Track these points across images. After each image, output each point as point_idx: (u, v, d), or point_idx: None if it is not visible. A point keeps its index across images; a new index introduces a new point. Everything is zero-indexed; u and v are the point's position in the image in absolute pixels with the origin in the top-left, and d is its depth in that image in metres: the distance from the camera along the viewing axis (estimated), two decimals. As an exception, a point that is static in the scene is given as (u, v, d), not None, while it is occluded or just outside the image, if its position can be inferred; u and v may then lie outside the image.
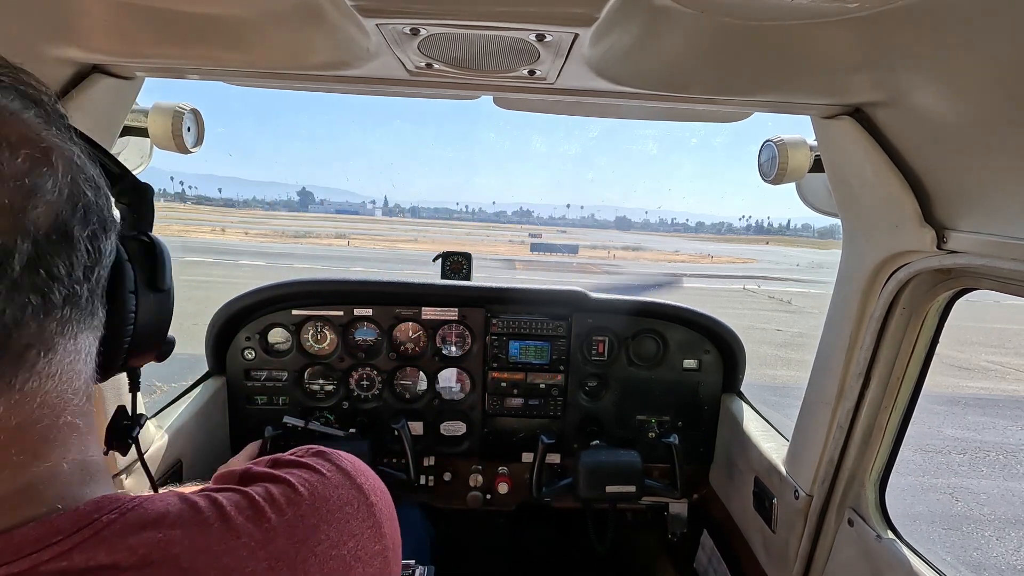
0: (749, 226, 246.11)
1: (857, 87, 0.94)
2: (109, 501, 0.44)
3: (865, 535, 1.27)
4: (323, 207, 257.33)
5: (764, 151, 1.36)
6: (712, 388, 2.05)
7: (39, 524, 0.40)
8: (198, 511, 0.46)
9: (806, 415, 1.44)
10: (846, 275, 1.28)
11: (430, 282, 2.06)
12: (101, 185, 0.48)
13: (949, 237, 1.00)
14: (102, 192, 0.48)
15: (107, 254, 0.47)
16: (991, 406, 8.39)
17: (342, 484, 0.54)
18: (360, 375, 2.02)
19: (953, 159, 0.94)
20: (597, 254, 55.56)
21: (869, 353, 1.22)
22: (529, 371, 2.03)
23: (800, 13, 0.66)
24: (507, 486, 2.06)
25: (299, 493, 0.51)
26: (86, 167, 0.47)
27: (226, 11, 0.80)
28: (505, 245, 62.31)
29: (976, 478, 6.02)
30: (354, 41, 0.88)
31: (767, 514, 1.59)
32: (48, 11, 0.84)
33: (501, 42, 0.86)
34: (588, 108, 1.26)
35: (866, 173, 1.09)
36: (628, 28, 0.79)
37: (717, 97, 1.07)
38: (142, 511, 0.44)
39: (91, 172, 0.47)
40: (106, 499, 0.44)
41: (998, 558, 4.73)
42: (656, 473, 2.03)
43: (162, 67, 1.08)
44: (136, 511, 0.44)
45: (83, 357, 0.45)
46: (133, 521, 0.43)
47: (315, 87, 1.19)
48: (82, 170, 0.46)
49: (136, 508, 0.44)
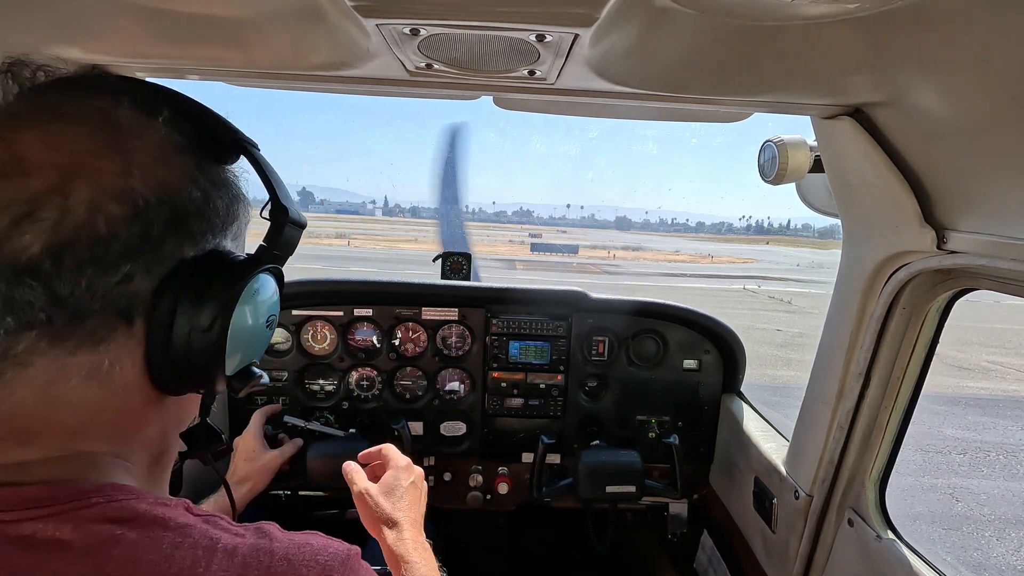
0: (749, 226, 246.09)
1: (857, 87, 0.94)
2: (112, 489, 0.49)
3: (865, 535, 1.27)
4: (323, 207, 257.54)
5: (764, 151, 1.36)
6: (712, 388, 2.05)
7: (44, 487, 0.46)
8: (165, 526, 0.48)
9: (806, 415, 1.44)
10: (846, 275, 1.28)
11: (430, 282, 2.06)
12: (150, 212, 0.48)
13: (949, 237, 1.00)
14: (147, 219, 0.48)
15: (113, 284, 0.47)
16: (991, 406, 8.39)
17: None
18: (360, 375, 2.02)
19: (953, 159, 0.94)
20: (597, 254, 55.54)
21: (869, 353, 1.22)
22: (529, 371, 2.02)
23: (800, 13, 0.66)
24: (507, 486, 2.06)
25: (259, 560, 0.50)
26: (130, 193, 0.47)
27: (226, 11, 0.80)
28: (505, 245, 62.28)
29: (976, 478, 6.02)
30: (354, 41, 0.88)
31: (767, 514, 1.59)
32: (48, 11, 0.84)
33: (501, 42, 0.86)
34: (588, 108, 1.26)
35: (866, 173, 1.09)
36: (628, 28, 0.79)
37: (717, 97, 1.07)
38: (125, 507, 0.48)
39: (139, 195, 0.47)
40: (112, 487, 0.49)
41: (998, 558, 4.73)
42: (656, 473, 2.02)
43: (162, 67, 1.08)
44: (120, 504, 0.47)
45: (80, 373, 0.48)
46: (111, 512, 0.46)
47: (315, 87, 1.19)
48: (117, 198, 0.46)
49: (123, 502, 0.48)
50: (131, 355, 0.51)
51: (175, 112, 0.54)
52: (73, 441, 0.50)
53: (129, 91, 0.53)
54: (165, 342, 0.51)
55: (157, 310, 0.50)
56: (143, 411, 0.54)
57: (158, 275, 0.50)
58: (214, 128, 0.57)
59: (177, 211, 0.50)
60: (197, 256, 0.53)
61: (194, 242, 0.52)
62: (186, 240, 0.52)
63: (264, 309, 0.60)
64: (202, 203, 0.53)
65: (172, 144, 0.52)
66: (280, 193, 0.60)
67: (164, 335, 0.51)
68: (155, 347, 0.51)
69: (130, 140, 0.49)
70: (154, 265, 0.49)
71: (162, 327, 0.51)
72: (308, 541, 0.54)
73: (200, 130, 0.56)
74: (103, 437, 0.51)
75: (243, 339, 0.57)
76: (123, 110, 0.50)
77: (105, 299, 0.47)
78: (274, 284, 0.63)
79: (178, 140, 0.53)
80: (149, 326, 0.50)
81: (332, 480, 1.73)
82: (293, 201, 0.61)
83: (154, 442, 0.58)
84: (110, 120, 0.50)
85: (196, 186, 0.52)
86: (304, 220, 0.62)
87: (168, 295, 0.50)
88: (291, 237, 0.60)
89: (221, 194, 0.55)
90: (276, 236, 0.59)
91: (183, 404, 0.60)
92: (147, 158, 0.50)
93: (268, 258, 0.58)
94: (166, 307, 0.50)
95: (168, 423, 0.59)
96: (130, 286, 0.48)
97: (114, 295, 0.47)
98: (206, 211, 0.53)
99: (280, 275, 0.64)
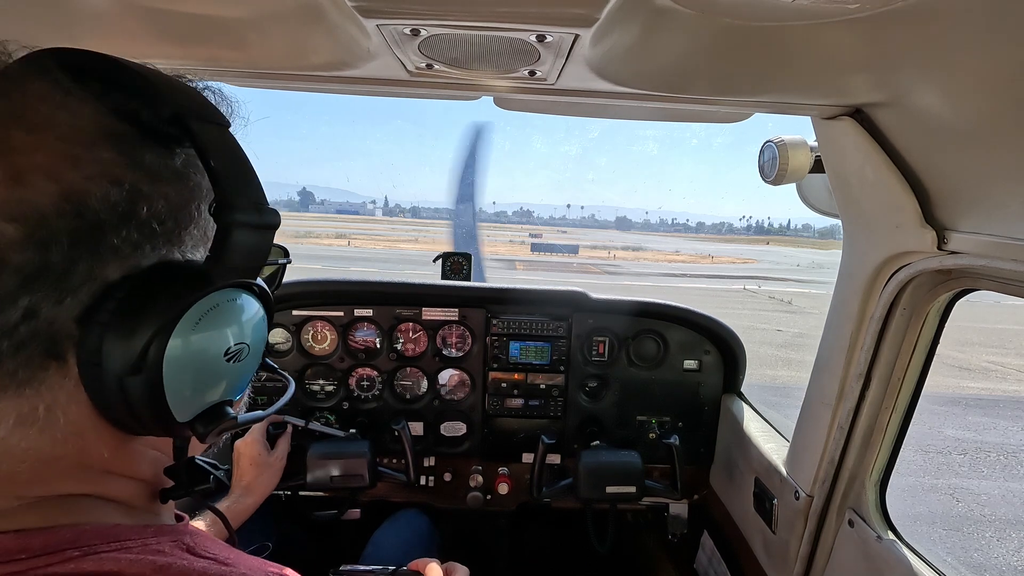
0: (749, 226, 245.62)
1: (857, 88, 0.94)
2: (93, 536, 0.42)
3: (866, 536, 1.27)
4: (323, 207, 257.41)
5: (764, 152, 1.36)
6: (712, 389, 2.05)
7: (15, 536, 0.40)
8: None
9: (806, 416, 1.44)
10: (846, 275, 1.28)
11: (430, 282, 2.06)
12: (48, 227, 0.38)
13: (950, 238, 1.00)
14: (43, 237, 0.38)
15: (15, 320, 0.38)
16: (992, 407, 8.38)
17: None
18: (360, 375, 2.02)
19: (954, 160, 0.94)
20: (597, 254, 55.55)
21: (869, 354, 1.22)
22: (529, 371, 2.02)
23: (800, 14, 0.66)
24: (507, 486, 2.06)
25: None
26: (20, 206, 0.37)
27: (226, 11, 0.80)
28: (505, 245, 62.29)
29: (977, 479, 6.01)
30: (354, 41, 0.88)
31: (767, 515, 1.59)
32: (48, 11, 0.84)
33: (501, 43, 0.86)
34: (588, 108, 1.26)
35: (867, 174, 1.09)
36: (629, 29, 0.79)
37: (717, 98, 1.07)
38: (104, 561, 0.41)
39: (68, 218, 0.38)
40: (92, 533, 0.42)
41: (999, 559, 4.73)
42: (656, 474, 2.02)
43: (162, 67, 1.08)
44: (99, 557, 0.41)
45: (8, 421, 0.41)
46: (88, 568, 0.40)
47: (315, 87, 1.19)
48: (7, 214, 0.37)
49: (103, 555, 0.41)
50: (72, 397, 0.42)
51: (102, 83, 0.43)
52: (33, 488, 0.43)
53: (40, 64, 0.42)
54: (99, 383, 0.42)
55: (83, 346, 0.41)
56: (116, 451, 0.46)
57: (77, 304, 0.40)
58: (156, 100, 0.44)
59: (88, 221, 0.39)
60: (130, 275, 0.42)
61: (121, 258, 0.42)
62: (108, 257, 0.41)
63: (218, 339, 0.47)
64: (127, 207, 0.41)
65: (86, 131, 0.41)
66: (230, 185, 0.45)
67: (96, 375, 0.42)
68: (92, 388, 0.42)
69: (22, 136, 0.39)
70: (65, 293, 0.39)
71: (92, 366, 0.42)
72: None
73: (140, 105, 0.44)
74: (72, 479, 0.44)
75: (192, 378, 0.46)
76: (18, 94, 0.40)
77: (12, 338, 0.38)
78: (243, 305, 0.50)
79: (99, 123, 0.42)
80: (79, 365, 0.42)
81: (332, 481, 1.73)
82: (260, 193, 0.48)
83: (147, 471, 0.50)
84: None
85: (117, 185, 0.41)
86: (272, 220, 0.48)
87: (93, 327, 0.41)
88: (249, 243, 0.46)
89: (165, 191, 0.44)
90: (221, 243, 0.45)
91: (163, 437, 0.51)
92: (48, 157, 0.39)
93: (220, 273, 0.45)
94: (91, 343, 0.41)
95: (157, 454, 0.52)
96: (37, 321, 0.39)
97: (22, 333, 0.38)
98: (135, 216, 0.42)
99: (254, 289, 0.52)
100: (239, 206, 0.45)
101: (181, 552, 0.44)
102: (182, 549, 0.45)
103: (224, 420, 0.49)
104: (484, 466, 2.09)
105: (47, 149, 0.39)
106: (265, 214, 0.47)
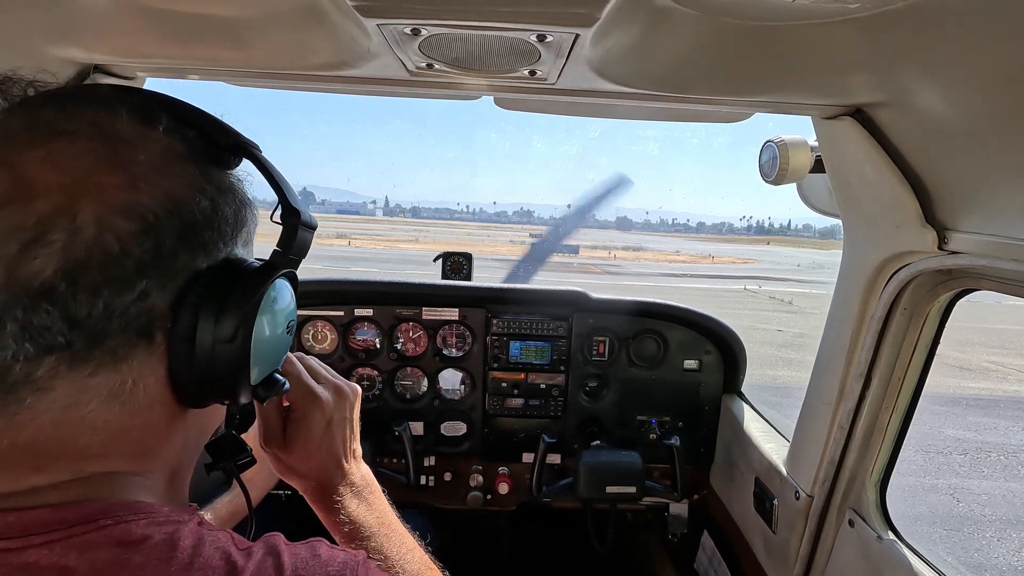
0: (750, 226, 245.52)
1: (858, 87, 0.94)
2: (123, 509, 0.47)
3: (866, 536, 1.27)
4: (324, 207, 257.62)
5: (765, 152, 1.36)
6: (713, 389, 2.05)
7: (52, 510, 0.45)
8: (173, 548, 0.46)
9: (807, 416, 1.44)
10: (847, 275, 1.27)
11: (431, 282, 2.06)
12: (160, 225, 0.47)
13: (950, 238, 1.00)
14: (158, 232, 0.47)
15: (130, 302, 0.46)
16: (992, 407, 8.38)
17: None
18: (360, 375, 2.02)
19: (954, 159, 0.94)
20: (598, 254, 55.54)
21: (870, 354, 1.22)
22: (530, 371, 2.03)
23: (801, 13, 0.66)
24: (507, 486, 2.06)
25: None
26: (137, 207, 0.46)
27: (226, 11, 0.80)
28: (506, 245, 62.33)
29: (977, 479, 6.01)
30: (355, 41, 0.89)
31: (768, 515, 1.59)
32: (49, 11, 0.84)
33: (502, 42, 0.86)
34: (588, 108, 1.26)
35: (867, 173, 1.09)
36: (629, 28, 0.79)
37: (718, 97, 1.07)
38: (134, 528, 0.46)
39: (145, 210, 0.46)
40: (123, 506, 0.48)
41: (999, 559, 4.72)
42: (657, 474, 2.02)
43: (163, 67, 1.08)
44: (128, 526, 0.46)
45: (101, 395, 0.48)
46: (118, 534, 0.45)
47: (315, 87, 1.19)
48: (125, 213, 0.45)
49: (132, 523, 0.46)
50: (154, 372, 0.50)
51: (173, 119, 0.53)
52: (90, 463, 0.49)
53: (125, 101, 0.51)
54: (188, 356, 0.51)
55: (177, 324, 0.50)
56: (167, 426, 0.54)
57: (174, 289, 0.49)
58: (214, 132, 0.56)
59: (186, 222, 0.50)
60: (211, 266, 0.52)
61: (206, 252, 0.52)
62: (198, 251, 0.51)
63: (283, 315, 0.60)
64: (210, 212, 0.52)
65: (174, 153, 0.52)
66: (289, 195, 0.59)
67: (186, 349, 0.50)
68: (178, 362, 0.51)
69: (131, 152, 0.48)
70: (169, 279, 0.49)
71: (183, 341, 0.50)
72: (316, 553, 0.54)
73: (200, 136, 0.55)
74: (125, 456, 0.51)
75: (265, 347, 0.57)
76: (121, 122, 0.49)
77: (123, 318, 0.46)
78: (290, 289, 0.62)
79: (179, 148, 0.52)
80: (170, 341, 0.50)
81: None
82: (301, 202, 0.60)
83: (176, 455, 0.57)
84: (109, 134, 0.49)
85: (203, 195, 0.51)
86: (315, 222, 0.62)
87: (187, 308, 0.50)
88: (304, 240, 0.60)
89: (228, 200, 0.55)
90: (290, 240, 0.58)
91: (206, 416, 0.60)
92: (150, 170, 0.49)
93: (284, 263, 0.58)
94: (186, 321, 0.50)
95: (190, 436, 0.59)
96: (147, 303, 0.47)
97: (132, 313, 0.46)
98: (215, 219, 0.52)
99: (295, 279, 0.63)
100: (301, 212, 0.58)
101: (194, 526, 0.50)
102: (196, 523, 0.51)
103: (277, 384, 0.62)
104: (484, 466, 2.09)
105: (150, 163, 0.49)
106: (311, 218, 0.61)
